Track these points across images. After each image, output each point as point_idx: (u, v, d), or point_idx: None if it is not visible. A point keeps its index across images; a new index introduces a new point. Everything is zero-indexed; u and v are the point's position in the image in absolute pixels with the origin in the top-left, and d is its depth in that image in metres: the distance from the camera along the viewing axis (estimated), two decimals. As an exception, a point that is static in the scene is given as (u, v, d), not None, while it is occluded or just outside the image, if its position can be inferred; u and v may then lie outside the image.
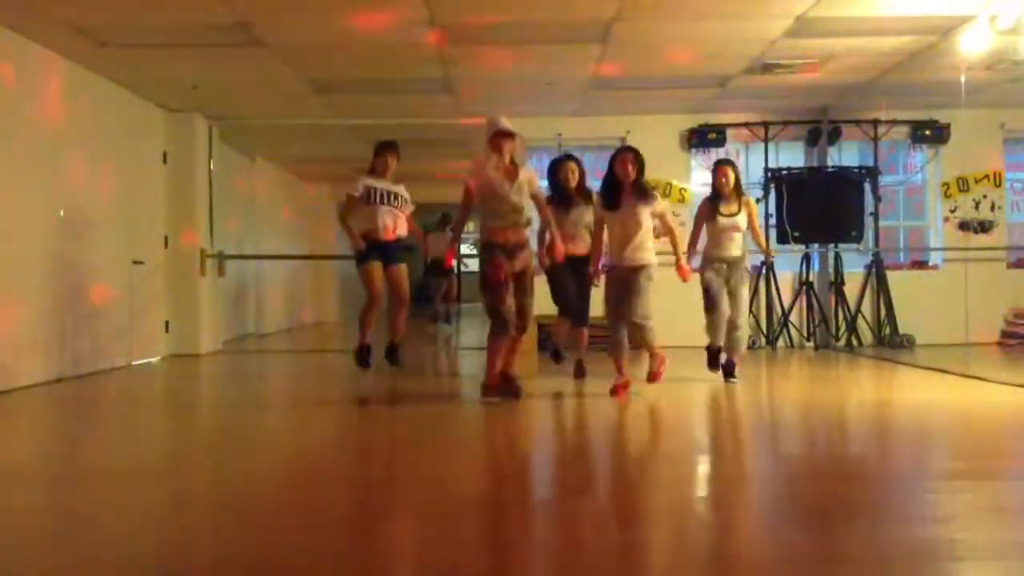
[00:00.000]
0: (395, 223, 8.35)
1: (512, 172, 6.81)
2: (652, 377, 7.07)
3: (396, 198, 8.38)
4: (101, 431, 6.43)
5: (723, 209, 7.77)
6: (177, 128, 11.29)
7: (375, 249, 8.23)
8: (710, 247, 7.84)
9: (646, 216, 7.02)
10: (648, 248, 7.04)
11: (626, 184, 7.06)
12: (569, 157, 8.20)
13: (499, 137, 6.78)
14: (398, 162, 8.46)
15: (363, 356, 8.33)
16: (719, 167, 7.95)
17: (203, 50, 8.74)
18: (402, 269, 8.33)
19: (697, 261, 7.97)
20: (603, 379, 7.39)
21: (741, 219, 7.75)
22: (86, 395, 8.12)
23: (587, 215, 7.74)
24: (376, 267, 8.21)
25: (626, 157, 7.11)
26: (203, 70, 9.54)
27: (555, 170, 8.10)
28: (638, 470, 4.96)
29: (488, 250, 6.78)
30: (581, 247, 7.70)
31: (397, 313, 8.42)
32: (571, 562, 3.22)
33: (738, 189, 7.84)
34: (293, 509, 3.92)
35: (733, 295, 7.75)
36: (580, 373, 8.17)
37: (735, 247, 7.79)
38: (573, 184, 7.92)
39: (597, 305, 7.91)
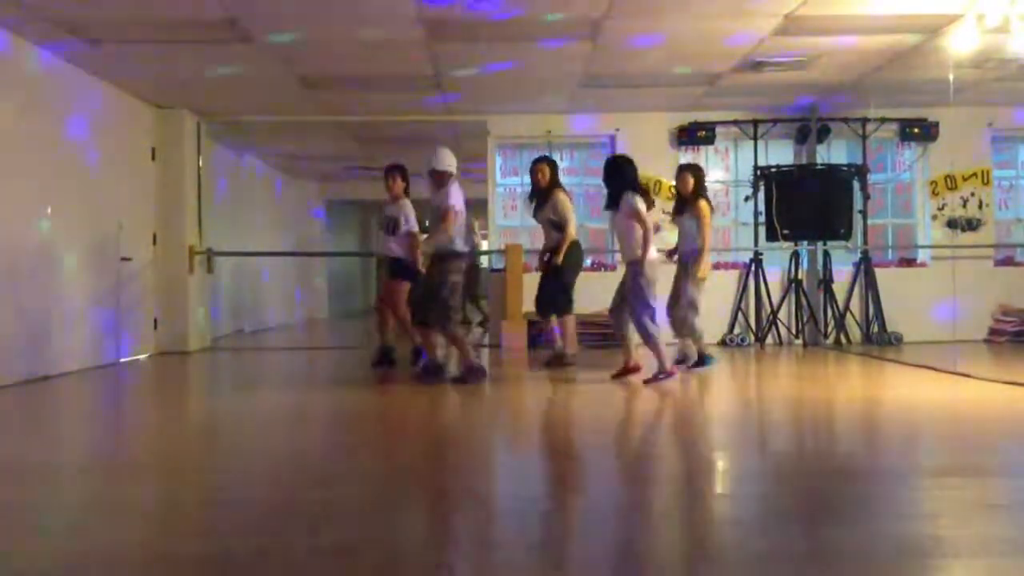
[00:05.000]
0: (388, 247, 8.93)
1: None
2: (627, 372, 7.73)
3: (392, 221, 8.87)
4: (75, 429, 6.42)
5: (681, 210, 8.52)
6: (166, 125, 11.27)
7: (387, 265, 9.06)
8: None
9: (620, 219, 7.60)
10: (628, 247, 7.56)
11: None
12: (540, 159, 9.05)
13: None
14: (403, 181, 8.95)
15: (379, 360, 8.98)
16: (678, 172, 8.64)
17: (192, 47, 8.71)
18: (393, 285, 8.85)
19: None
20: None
21: (687, 218, 8.36)
22: (69, 393, 8.08)
23: (543, 212, 8.71)
24: (384, 281, 9.13)
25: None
26: (192, 67, 9.51)
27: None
28: (619, 466, 4.97)
29: None
30: (547, 242, 8.75)
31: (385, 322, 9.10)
32: (556, 558, 3.24)
33: (696, 192, 8.36)
34: (293, 505, 3.92)
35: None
36: (555, 362, 8.55)
37: (682, 243, 8.43)
38: (541, 184, 8.75)
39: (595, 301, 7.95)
